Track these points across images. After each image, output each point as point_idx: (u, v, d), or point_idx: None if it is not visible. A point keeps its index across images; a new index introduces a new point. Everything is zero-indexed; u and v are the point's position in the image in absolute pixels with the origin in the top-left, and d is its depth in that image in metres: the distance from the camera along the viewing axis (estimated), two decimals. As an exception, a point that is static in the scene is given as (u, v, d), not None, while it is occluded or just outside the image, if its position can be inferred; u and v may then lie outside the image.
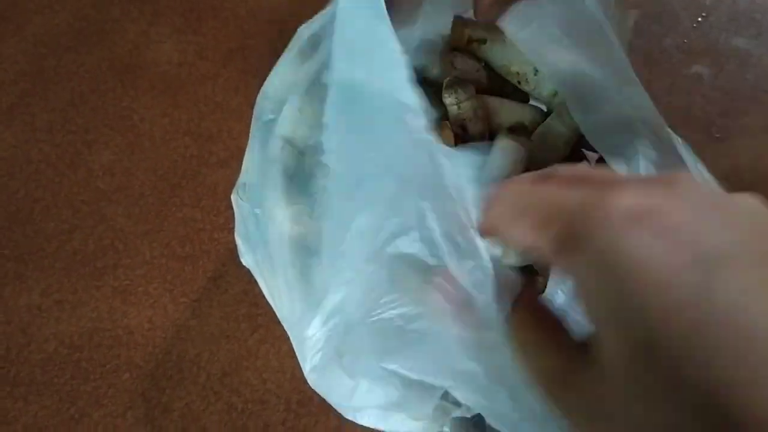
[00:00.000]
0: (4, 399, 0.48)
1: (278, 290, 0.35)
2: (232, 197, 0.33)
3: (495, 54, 0.39)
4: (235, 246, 0.49)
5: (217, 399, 0.46)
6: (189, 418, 0.46)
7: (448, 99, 0.35)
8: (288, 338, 0.47)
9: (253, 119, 0.33)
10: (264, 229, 0.35)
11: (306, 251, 0.33)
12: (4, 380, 0.48)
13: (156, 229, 0.52)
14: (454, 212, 0.23)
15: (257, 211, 0.35)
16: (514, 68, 0.39)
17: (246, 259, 0.38)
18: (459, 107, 0.36)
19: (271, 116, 0.35)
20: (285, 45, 0.57)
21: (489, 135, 0.37)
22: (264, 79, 0.55)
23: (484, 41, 0.39)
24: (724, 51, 0.56)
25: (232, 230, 0.51)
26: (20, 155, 0.57)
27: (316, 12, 0.57)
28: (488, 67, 0.39)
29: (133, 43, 0.61)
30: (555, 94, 0.38)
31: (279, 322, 0.48)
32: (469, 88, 0.36)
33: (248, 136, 0.53)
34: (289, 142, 0.35)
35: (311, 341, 0.31)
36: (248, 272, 0.49)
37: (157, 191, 0.54)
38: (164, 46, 0.60)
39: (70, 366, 0.49)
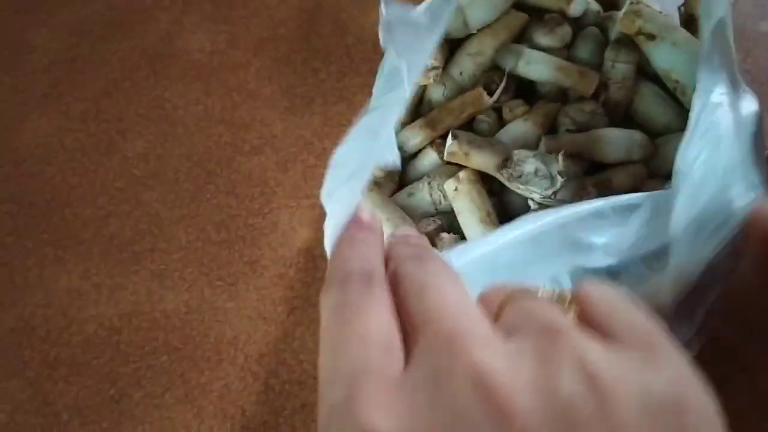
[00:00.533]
0: (45, 380, 0.49)
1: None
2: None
3: (660, 54, 0.39)
4: (270, 231, 0.50)
5: (254, 380, 0.47)
6: (227, 399, 0.47)
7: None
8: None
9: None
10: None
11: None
12: (45, 361, 0.49)
13: (191, 214, 0.53)
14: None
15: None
16: (675, 75, 0.39)
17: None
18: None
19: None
20: (316, 32, 0.58)
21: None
22: (295, 72, 0.56)
23: (652, 37, 0.39)
24: (750, 36, 0.57)
25: (266, 215, 0.52)
26: (56, 143, 0.58)
27: (344, 2, 0.58)
28: (645, 66, 0.40)
29: (164, 32, 0.62)
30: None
31: (314, 305, 0.49)
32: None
33: (281, 123, 0.54)
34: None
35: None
36: (283, 256, 0.50)
37: (191, 178, 0.55)
38: (196, 35, 0.61)
39: (109, 348, 0.50)
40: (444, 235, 0.42)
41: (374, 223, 0.20)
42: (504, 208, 0.43)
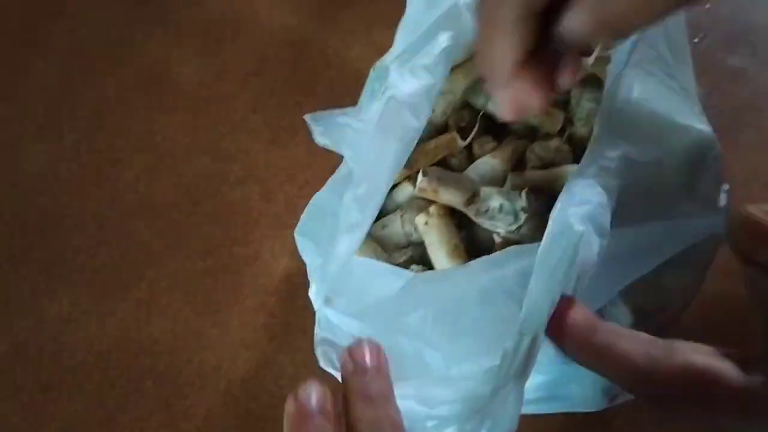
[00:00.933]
0: (38, 402, 0.51)
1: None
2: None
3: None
4: (253, 260, 0.52)
5: (236, 405, 0.49)
6: (210, 423, 0.49)
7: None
8: (302, 348, 0.50)
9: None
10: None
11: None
12: (37, 385, 0.51)
13: (178, 243, 0.55)
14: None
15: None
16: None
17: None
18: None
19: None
20: (301, 66, 0.60)
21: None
22: (279, 105, 0.58)
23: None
24: (720, 70, 0.59)
25: (249, 244, 0.54)
26: (49, 173, 0.60)
27: (329, 35, 0.60)
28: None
29: (155, 65, 0.64)
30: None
31: (293, 332, 0.51)
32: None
33: (265, 154, 0.56)
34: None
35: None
36: (264, 284, 0.52)
37: (178, 208, 0.57)
38: (185, 68, 0.63)
39: (98, 372, 0.52)
40: (414, 267, 0.44)
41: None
42: (473, 241, 0.45)
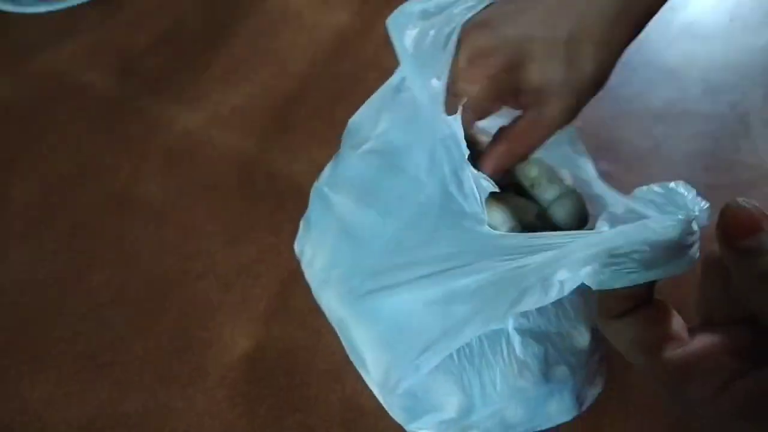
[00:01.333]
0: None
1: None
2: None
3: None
4: (215, 342, 0.62)
5: (202, 465, 0.58)
6: (179, 482, 0.57)
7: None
8: (259, 413, 0.59)
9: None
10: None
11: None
12: (22, 460, 0.59)
13: (148, 330, 0.65)
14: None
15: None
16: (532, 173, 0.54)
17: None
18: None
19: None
20: (251, 181, 0.71)
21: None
22: (233, 213, 0.69)
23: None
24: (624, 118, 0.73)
25: (211, 330, 0.64)
26: (31, 275, 0.69)
27: (274, 154, 0.72)
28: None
29: (123, 183, 0.75)
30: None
31: (253, 400, 0.60)
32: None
33: (222, 253, 0.66)
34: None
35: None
36: (226, 362, 0.62)
37: (148, 300, 0.66)
38: (150, 185, 0.75)
39: (77, 446, 0.59)
40: None
41: None
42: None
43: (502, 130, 0.48)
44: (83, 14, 0.85)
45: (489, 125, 0.52)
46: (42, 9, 0.85)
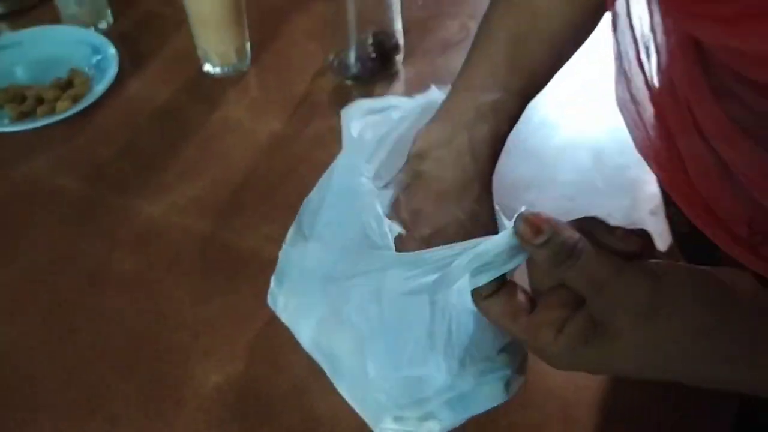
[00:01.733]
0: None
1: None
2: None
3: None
4: (189, 379, 0.75)
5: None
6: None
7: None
8: (232, 430, 0.71)
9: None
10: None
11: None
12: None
13: (131, 375, 0.77)
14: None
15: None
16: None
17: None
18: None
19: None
20: (210, 255, 0.86)
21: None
22: (196, 280, 0.83)
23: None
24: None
25: (185, 369, 0.76)
26: (20, 344, 0.80)
27: (230, 231, 0.88)
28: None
29: (98, 263, 0.88)
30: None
31: (227, 421, 0.72)
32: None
33: (191, 313, 0.80)
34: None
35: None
36: (201, 393, 0.74)
37: (130, 353, 0.79)
38: (123, 264, 0.88)
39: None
40: None
41: None
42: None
43: None
44: (52, 132, 1.01)
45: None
46: (16, 128, 1.00)
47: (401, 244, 0.59)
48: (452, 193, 0.58)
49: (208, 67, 1.14)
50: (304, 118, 1.06)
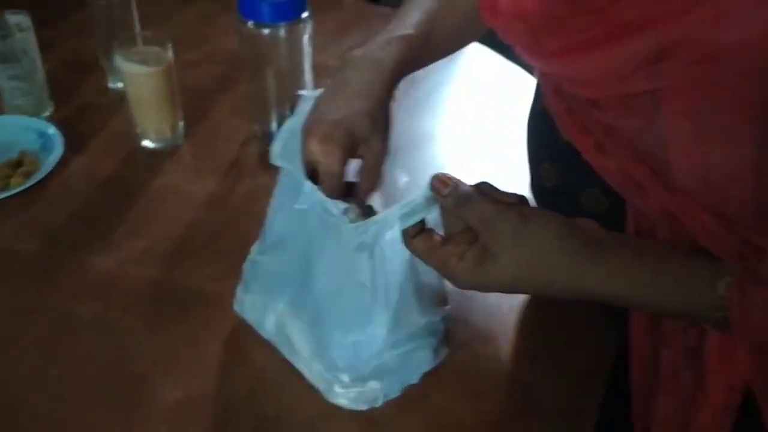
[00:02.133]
0: None
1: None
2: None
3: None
4: (152, 397, 0.86)
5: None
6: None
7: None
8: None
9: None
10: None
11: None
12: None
13: (100, 401, 0.87)
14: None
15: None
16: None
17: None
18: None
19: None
20: (167, 299, 0.98)
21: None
22: (151, 318, 0.96)
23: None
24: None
25: (146, 391, 0.88)
26: (4, 392, 0.90)
27: (187, 277, 1.01)
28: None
29: (60, 315, 0.99)
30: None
31: (189, 427, 0.84)
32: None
33: (146, 343, 0.92)
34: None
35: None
36: (164, 408, 0.86)
37: (96, 382, 0.90)
38: (83, 310, 0.99)
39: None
40: None
41: None
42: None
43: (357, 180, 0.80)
44: (9, 203, 1.12)
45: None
46: (-27, 204, 1.11)
47: (314, 125, 0.75)
48: (362, 92, 0.75)
49: (146, 143, 1.28)
50: (236, 177, 1.21)
